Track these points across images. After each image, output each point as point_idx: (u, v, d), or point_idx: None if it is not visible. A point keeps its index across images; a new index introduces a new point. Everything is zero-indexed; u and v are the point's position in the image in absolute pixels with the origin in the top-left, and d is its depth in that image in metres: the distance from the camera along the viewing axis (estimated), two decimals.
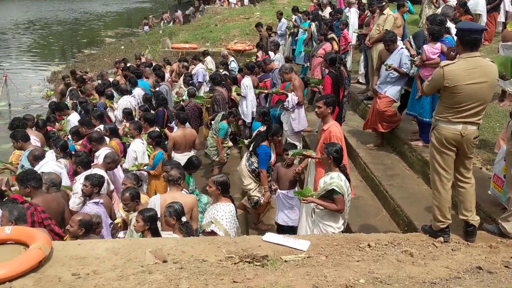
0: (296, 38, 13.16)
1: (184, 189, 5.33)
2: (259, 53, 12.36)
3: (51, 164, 6.08)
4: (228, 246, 3.95)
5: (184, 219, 4.53)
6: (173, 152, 7.45)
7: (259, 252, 3.79)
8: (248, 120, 9.22)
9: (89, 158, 6.09)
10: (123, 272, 3.46)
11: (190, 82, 10.36)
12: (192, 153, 7.60)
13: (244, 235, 4.62)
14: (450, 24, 7.18)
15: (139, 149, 6.88)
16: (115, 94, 10.04)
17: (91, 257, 3.70)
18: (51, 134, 7.69)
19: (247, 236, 4.47)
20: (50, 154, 6.41)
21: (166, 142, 7.37)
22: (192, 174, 6.22)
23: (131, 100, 9.49)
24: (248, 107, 9.20)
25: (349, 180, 4.68)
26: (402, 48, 7.12)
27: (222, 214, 4.61)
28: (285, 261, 3.68)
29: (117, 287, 3.24)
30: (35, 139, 7.23)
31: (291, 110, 7.66)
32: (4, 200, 5.24)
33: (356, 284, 3.29)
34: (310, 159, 5.60)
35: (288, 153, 5.84)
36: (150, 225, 4.51)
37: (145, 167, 6.73)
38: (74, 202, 5.59)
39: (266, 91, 9.01)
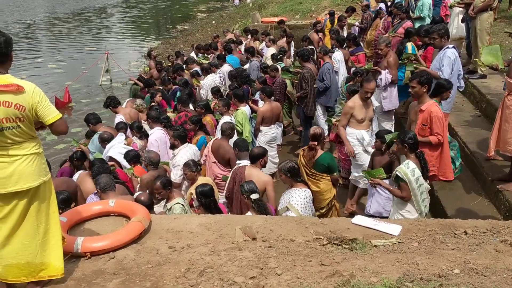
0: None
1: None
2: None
3: (118, 147, 6.26)
4: (316, 227, 3.94)
5: (255, 196, 4.54)
6: (260, 125, 7.60)
7: (347, 235, 3.74)
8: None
9: (185, 132, 6.33)
10: (215, 247, 3.58)
11: (278, 57, 10.30)
12: (277, 125, 7.73)
13: (333, 217, 4.58)
14: None
15: None
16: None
17: (186, 231, 3.87)
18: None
19: (335, 218, 4.42)
20: (119, 137, 6.60)
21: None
22: None
23: (215, 79, 9.68)
24: (340, 82, 8.96)
25: (426, 167, 4.45)
26: None
27: (297, 200, 4.60)
28: (375, 245, 3.58)
29: (210, 262, 3.35)
30: (120, 117, 7.60)
31: (382, 88, 7.37)
32: None
33: (449, 274, 3.10)
34: None
35: (379, 139, 5.48)
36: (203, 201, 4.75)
37: None
38: (176, 174, 5.90)
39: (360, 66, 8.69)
